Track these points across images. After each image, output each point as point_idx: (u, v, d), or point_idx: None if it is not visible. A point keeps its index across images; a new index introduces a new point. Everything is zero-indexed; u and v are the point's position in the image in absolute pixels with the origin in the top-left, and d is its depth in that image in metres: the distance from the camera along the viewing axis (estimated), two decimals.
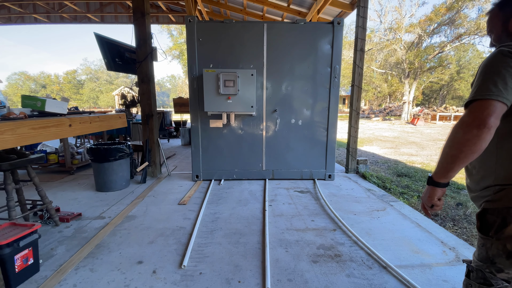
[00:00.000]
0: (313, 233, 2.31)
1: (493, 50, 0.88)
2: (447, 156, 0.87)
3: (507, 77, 0.78)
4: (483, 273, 0.91)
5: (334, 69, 3.57)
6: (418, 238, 2.23)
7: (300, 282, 1.68)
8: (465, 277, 0.98)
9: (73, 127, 1.73)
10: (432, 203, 0.97)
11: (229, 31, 3.46)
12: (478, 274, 0.92)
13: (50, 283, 1.68)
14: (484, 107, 0.79)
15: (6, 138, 1.30)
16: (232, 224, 2.47)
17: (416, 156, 6.49)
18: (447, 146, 0.87)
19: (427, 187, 0.98)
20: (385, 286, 1.65)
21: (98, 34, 3.39)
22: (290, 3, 6.40)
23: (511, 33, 0.95)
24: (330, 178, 3.83)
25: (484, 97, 0.79)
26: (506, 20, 0.95)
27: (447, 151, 0.87)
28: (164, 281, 1.69)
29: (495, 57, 0.83)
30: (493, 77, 0.80)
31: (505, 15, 0.96)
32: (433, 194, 0.95)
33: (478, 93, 0.81)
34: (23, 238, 1.67)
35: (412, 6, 20.02)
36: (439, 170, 0.91)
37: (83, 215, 2.70)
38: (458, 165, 0.85)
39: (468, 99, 0.84)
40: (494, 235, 0.87)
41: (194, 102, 3.59)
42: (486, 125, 0.77)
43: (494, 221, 0.88)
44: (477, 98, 0.81)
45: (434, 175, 0.94)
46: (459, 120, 0.85)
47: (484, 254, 0.91)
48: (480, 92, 0.81)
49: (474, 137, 0.79)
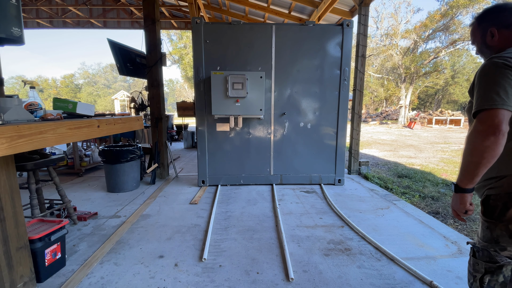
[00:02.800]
0: (323, 230, 2.43)
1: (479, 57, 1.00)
2: (470, 164, 0.94)
3: (506, 86, 0.89)
4: (488, 252, 1.02)
5: (344, 72, 3.54)
6: (422, 234, 2.36)
7: (315, 273, 1.80)
8: (471, 257, 1.09)
9: (101, 128, 1.84)
10: (466, 209, 1.01)
11: (236, 33, 3.44)
12: (484, 253, 1.03)
13: (78, 276, 1.78)
14: (494, 116, 0.88)
15: (48, 137, 1.41)
16: (244, 222, 2.58)
17: (415, 158, 6.66)
18: (468, 154, 0.94)
19: (455, 195, 1.03)
20: (394, 276, 1.77)
21: (112, 40, 3.52)
22: (291, 10, 6.60)
23: (489, 46, 1.09)
24: (340, 183, 3.77)
25: (491, 107, 0.88)
26: (483, 33, 1.09)
27: (469, 159, 0.94)
28: (187, 273, 1.79)
29: (490, 68, 0.93)
30: (494, 87, 0.90)
31: (483, 29, 1.09)
32: (464, 200, 1.00)
33: (484, 103, 0.90)
34: (54, 232, 1.77)
35: (407, 12, 20.52)
36: (465, 177, 0.97)
37: (99, 214, 2.79)
38: (482, 170, 0.93)
39: (475, 109, 0.93)
40: (497, 218, 0.99)
41: (201, 105, 3.54)
42: (501, 131, 0.87)
43: (496, 205, 1.00)
44: (484, 108, 0.90)
45: (460, 182, 0.99)
46: (472, 130, 0.94)
47: (489, 235, 1.02)
48: (486, 102, 0.90)
49: (493, 143, 0.88)
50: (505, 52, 0.97)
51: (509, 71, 0.90)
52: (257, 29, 3.47)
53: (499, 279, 0.99)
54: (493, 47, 1.08)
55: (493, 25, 1.06)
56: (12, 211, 1.51)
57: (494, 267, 1.00)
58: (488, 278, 1.01)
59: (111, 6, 8.16)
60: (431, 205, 3.36)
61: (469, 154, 0.94)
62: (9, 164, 1.49)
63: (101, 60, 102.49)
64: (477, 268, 1.06)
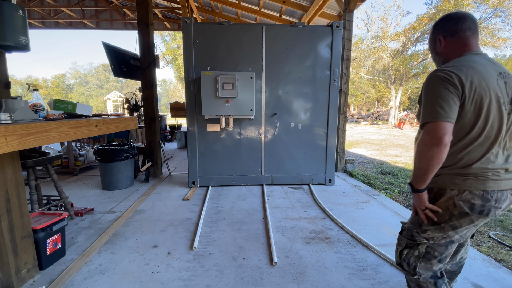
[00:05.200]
0: (306, 221, 2.62)
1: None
2: (419, 170, 1.09)
3: (449, 100, 1.01)
4: (411, 232, 1.23)
5: (334, 73, 3.58)
6: (397, 224, 2.58)
7: (296, 258, 1.99)
8: (399, 234, 1.31)
9: (99, 127, 1.99)
10: (425, 206, 1.15)
11: (227, 33, 3.43)
12: (408, 232, 1.25)
13: (78, 264, 1.92)
14: (439, 128, 1.00)
15: (52, 135, 1.56)
16: (234, 215, 2.76)
17: (401, 157, 6.94)
18: (417, 161, 1.09)
19: (414, 195, 1.17)
20: (366, 260, 1.97)
21: (106, 43, 3.64)
22: (282, 14, 6.82)
23: (438, 53, 1.21)
24: (330, 182, 3.82)
25: (436, 120, 1.01)
26: (434, 41, 1.21)
27: (418, 166, 1.09)
28: (179, 260, 1.96)
29: (434, 81, 1.05)
30: (437, 100, 1.02)
31: (433, 37, 1.21)
32: (422, 199, 1.14)
33: (429, 116, 1.03)
34: (55, 224, 1.91)
35: (397, 15, 21.03)
36: (417, 180, 1.11)
37: (95, 210, 2.92)
38: (430, 174, 1.07)
39: (422, 121, 1.06)
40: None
41: (191, 106, 3.52)
42: (443, 142, 1.00)
43: (428, 197, 1.16)
44: (430, 120, 1.03)
45: (414, 184, 1.13)
46: (420, 140, 1.08)
47: (416, 219, 1.22)
48: (431, 115, 1.03)
49: (436, 153, 1.01)
50: (447, 65, 1.08)
51: (449, 84, 1.01)
52: (247, 30, 3.47)
53: (415, 253, 1.21)
54: (441, 54, 1.20)
55: (441, 33, 1.17)
56: (17, 202, 1.66)
57: (413, 244, 1.22)
58: (406, 251, 1.24)
59: (104, 8, 8.22)
60: (409, 199, 3.60)
61: (418, 161, 1.09)
62: (15, 159, 1.64)
63: (93, 60, 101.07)
64: (400, 243, 1.28)
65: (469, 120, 1.05)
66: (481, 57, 1.10)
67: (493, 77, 1.05)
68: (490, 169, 1.06)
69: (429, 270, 1.19)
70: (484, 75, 1.04)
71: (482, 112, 1.03)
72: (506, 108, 1.06)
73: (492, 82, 1.04)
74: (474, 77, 1.02)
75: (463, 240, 1.17)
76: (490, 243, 2.45)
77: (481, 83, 1.02)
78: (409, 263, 1.22)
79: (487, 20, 16.54)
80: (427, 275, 1.19)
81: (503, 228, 2.75)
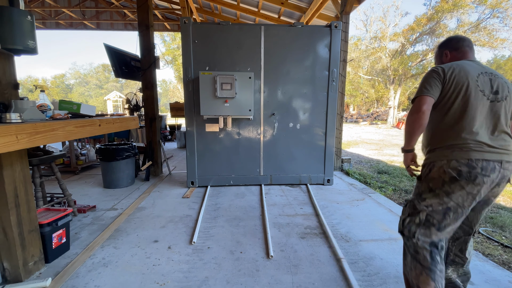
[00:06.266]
0: (302, 218, 2.71)
1: None
2: (406, 133, 1.40)
3: (431, 82, 1.36)
4: (413, 202, 1.42)
5: (332, 73, 3.59)
6: (389, 220, 2.67)
7: (291, 251, 2.07)
8: (403, 207, 1.51)
9: (102, 126, 2.07)
10: (408, 164, 1.46)
11: (225, 33, 3.44)
12: (410, 204, 1.45)
13: (82, 258, 2.01)
14: (421, 100, 1.35)
15: (58, 133, 1.64)
16: (232, 212, 2.84)
17: (397, 156, 7.03)
18: (405, 127, 1.40)
19: (403, 155, 1.48)
20: (357, 253, 2.06)
21: (108, 45, 3.73)
22: (281, 15, 6.90)
23: (443, 62, 1.55)
24: (329, 182, 3.82)
25: (420, 94, 1.36)
26: (441, 55, 1.58)
27: (405, 129, 1.41)
28: (179, 254, 2.04)
29: (427, 73, 1.42)
30: (424, 83, 1.38)
31: (441, 52, 1.58)
32: (407, 158, 1.46)
33: (417, 93, 1.39)
34: (60, 219, 2.00)
35: (395, 16, 21.10)
36: (405, 142, 1.43)
37: (97, 207, 3.01)
38: (413, 136, 1.37)
39: (413, 97, 1.41)
40: (423, 179, 1.40)
41: (190, 106, 3.52)
42: (421, 110, 1.33)
43: (424, 171, 1.40)
44: (417, 96, 1.38)
45: (404, 146, 1.45)
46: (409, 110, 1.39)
47: (417, 191, 1.43)
48: (418, 92, 1.38)
49: (416, 118, 1.33)
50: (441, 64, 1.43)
51: (435, 73, 1.37)
52: (246, 30, 3.48)
53: (416, 220, 1.39)
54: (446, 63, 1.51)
55: (447, 49, 1.55)
56: (25, 198, 1.74)
57: (414, 212, 1.40)
58: (408, 219, 1.42)
59: (104, 9, 8.30)
60: (403, 197, 3.68)
61: (406, 126, 1.40)
62: (23, 157, 1.72)
63: (92, 60, 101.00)
64: (404, 212, 1.48)
65: (449, 98, 1.33)
66: (472, 61, 1.41)
67: (474, 72, 1.33)
68: (472, 141, 1.27)
69: (428, 237, 1.34)
70: (466, 68, 1.34)
71: (460, 92, 1.31)
72: (486, 96, 1.31)
73: (472, 75, 1.32)
74: (456, 69, 1.34)
75: (461, 210, 1.29)
76: (479, 238, 2.54)
77: (460, 72, 1.32)
78: (410, 229, 1.39)
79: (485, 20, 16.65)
80: (425, 241, 1.34)
81: (493, 225, 2.84)
